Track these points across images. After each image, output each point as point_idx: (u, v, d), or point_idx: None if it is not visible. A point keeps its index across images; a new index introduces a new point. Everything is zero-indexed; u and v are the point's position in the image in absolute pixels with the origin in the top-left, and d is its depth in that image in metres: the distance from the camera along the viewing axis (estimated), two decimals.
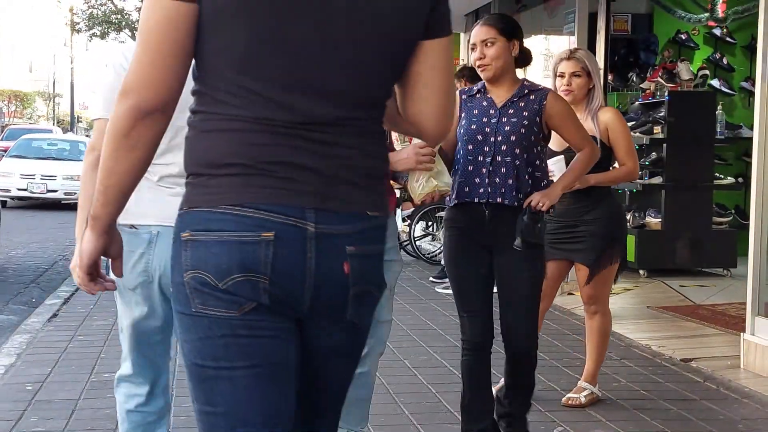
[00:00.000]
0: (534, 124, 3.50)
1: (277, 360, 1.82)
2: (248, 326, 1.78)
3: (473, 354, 3.62)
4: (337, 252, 1.81)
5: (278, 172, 1.76)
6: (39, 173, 17.79)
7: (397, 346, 5.71)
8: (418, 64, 1.90)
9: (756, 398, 4.76)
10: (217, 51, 1.77)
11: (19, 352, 5.47)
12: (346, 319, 1.88)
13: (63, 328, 6.18)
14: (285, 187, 1.77)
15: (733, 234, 8.99)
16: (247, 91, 1.76)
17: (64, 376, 4.92)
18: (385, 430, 4.04)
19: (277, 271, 1.76)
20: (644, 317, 7.04)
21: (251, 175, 1.76)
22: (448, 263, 3.75)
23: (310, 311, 1.83)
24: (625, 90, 10.10)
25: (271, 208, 1.75)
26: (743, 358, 5.37)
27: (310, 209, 1.77)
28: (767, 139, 5.38)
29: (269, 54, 1.76)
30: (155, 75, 1.75)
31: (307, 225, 1.77)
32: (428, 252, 9.97)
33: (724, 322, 6.61)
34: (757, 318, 5.35)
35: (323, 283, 1.81)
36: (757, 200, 5.42)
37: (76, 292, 7.57)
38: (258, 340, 1.79)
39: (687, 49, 10.26)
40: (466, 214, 3.55)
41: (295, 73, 1.77)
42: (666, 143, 8.82)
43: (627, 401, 4.66)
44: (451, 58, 1.97)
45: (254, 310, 1.78)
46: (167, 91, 1.76)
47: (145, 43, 1.76)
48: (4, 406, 4.33)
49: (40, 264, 10.20)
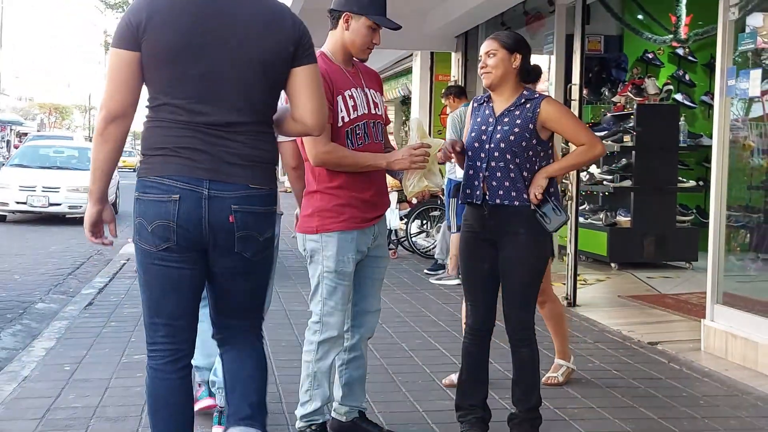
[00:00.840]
0: (526, 130, 3.43)
1: (178, 280, 2.63)
2: (161, 258, 2.60)
3: (473, 338, 3.60)
4: (224, 208, 2.56)
5: (184, 154, 2.55)
6: (40, 184, 14.12)
7: (395, 331, 5.72)
8: (294, 83, 2.68)
9: (715, 377, 4.76)
10: (153, 80, 2.58)
11: (59, 336, 5.47)
12: (235, 251, 2.62)
13: (97, 315, 6.18)
14: (188, 165, 2.55)
15: (694, 231, 9.00)
16: (170, 105, 2.57)
17: (98, 358, 4.91)
18: (384, 406, 4.03)
19: (181, 220, 2.54)
20: (615, 305, 7.04)
21: (169, 155, 2.56)
22: (459, 257, 3.73)
23: (212, 247, 2.61)
24: (599, 103, 10.13)
25: (178, 179, 2.54)
26: (704, 341, 5.37)
27: (205, 180, 2.55)
28: (725, 146, 5.38)
29: (182, 83, 2.56)
30: (116, 96, 2.54)
31: (203, 190, 2.55)
32: (423, 247, 9.97)
33: (687, 309, 6.61)
34: (716, 306, 5.35)
35: (216, 228, 2.57)
36: (716, 201, 5.42)
37: (110, 283, 7.58)
38: (166, 269, 2.61)
39: (653, 66, 10.28)
40: (473, 213, 3.54)
41: (199, 94, 2.56)
42: (635, 150, 8.84)
43: (600, 380, 4.65)
44: (316, 76, 2.71)
45: (167, 249, 2.58)
46: (124, 105, 2.55)
47: (109, 76, 2.57)
48: (46, 385, 4.33)
49: (77, 258, 10.21)
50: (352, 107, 3.32)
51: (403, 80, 15.04)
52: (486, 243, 3.51)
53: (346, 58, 3.39)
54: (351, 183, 3.32)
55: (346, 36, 3.34)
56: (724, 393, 4.47)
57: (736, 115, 5.39)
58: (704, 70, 10.21)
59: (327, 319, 3.34)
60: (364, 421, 3.56)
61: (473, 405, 3.57)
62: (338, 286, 3.33)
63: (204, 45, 2.54)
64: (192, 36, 2.54)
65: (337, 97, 3.27)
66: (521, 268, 3.47)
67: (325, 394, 3.38)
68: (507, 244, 3.45)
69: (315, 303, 3.37)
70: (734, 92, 5.27)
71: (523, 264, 3.46)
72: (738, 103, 5.35)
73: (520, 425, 3.50)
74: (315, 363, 3.35)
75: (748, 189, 5.48)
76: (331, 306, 3.33)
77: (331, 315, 3.34)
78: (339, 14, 3.33)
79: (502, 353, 4.10)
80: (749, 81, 5.14)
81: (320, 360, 3.35)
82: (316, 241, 3.33)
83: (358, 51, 3.37)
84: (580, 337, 5.69)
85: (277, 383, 4.42)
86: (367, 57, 3.44)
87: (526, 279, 3.49)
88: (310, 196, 3.37)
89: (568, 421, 3.88)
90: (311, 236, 3.35)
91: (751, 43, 5.22)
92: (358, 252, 3.37)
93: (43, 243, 11.69)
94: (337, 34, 3.36)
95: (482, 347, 3.60)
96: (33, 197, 14.00)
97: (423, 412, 3.99)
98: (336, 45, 3.37)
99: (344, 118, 3.29)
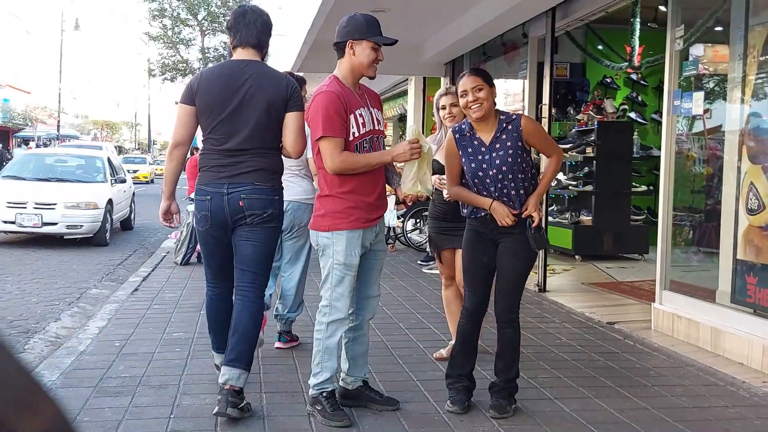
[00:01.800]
0: (518, 148, 3.39)
1: (214, 245, 3.52)
2: (205, 234, 3.49)
3: (468, 319, 3.58)
4: (237, 198, 3.35)
5: (214, 170, 3.40)
6: (32, 200, 9.79)
7: (393, 313, 5.72)
8: (285, 123, 3.41)
9: (663, 352, 4.76)
10: (202, 124, 3.46)
11: (109, 317, 5.48)
12: (248, 225, 3.38)
13: (142, 299, 6.18)
14: (215, 175, 3.39)
15: (645, 228, 8.99)
16: (210, 139, 3.43)
17: (143, 335, 4.92)
18: (384, 376, 4.04)
19: (212, 211, 3.38)
20: (579, 291, 7.04)
21: (205, 171, 3.44)
22: (463, 252, 3.63)
23: (233, 225, 3.40)
24: (565, 120, 10.12)
25: (209, 185, 3.40)
26: (654, 321, 5.38)
27: (225, 183, 3.36)
28: (671, 157, 5.39)
29: (216, 125, 3.39)
30: (179, 131, 3.49)
31: (224, 189, 3.36)
32: (417, 242, 9.97)
33: (639, 294, 6.62)
34: (664, 291, 5.36)
35: (233, 212, 3.36)
36: (664, 203, 5.43)
37: (152, 272, 7.58)
38: (209, 239, 3.49)
39: (611, 89, 10.27)
40: (478, 220, 3.50)
41: (225, 131, 3.38)
42: (595, 160, 8.83)
43: (566, 354, 4.66)
44: (300, 120, 3.41)
45: (208, 229, 3.45)
46: (183, 137, 3.49)
47: (177, 119, 3.50)
48: (99, 358, 4.34)
49: (125, 251, 10.20)
50: (362, 124, 3.31)
51: (400, 101, 15.06)
52: (488, 240, 3.50)
53: (355, 81, 3.39)
54: (358, 188, 3.32)
55: (354, 60, 3.33)
56: (671, 365, 4.47)
57: (681, 130, 5.39)
58: (654, 92, 10.21)
59: (335, 303, 3.35)
60: (367, 389, 3.57)
61: (461, 375, 3.58)
62: (345, 275, 3.34)
63: (229, 100, 3.36)
64: (222, 95, 3.36)
65: (350, 116, 3.27)
66: (515, 258, 3.45)
67: (334, 366, 3.39)
68: (505, 240, 3.45)
69: (325, 290, 3.38)
70: (679, 111, 5.28)
71: (516, 255, 3.45)
72: (682, 121, 5.35)
73: (500, 393, 3.51)
74: (325, 340, 3.36)
75: (691, 193, 5.49)
76: (339, 292, 3.34)
77: (339, 300, 3.34)
78: (344, 44, 3.33)
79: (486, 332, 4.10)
80: (692, 102, 5.15)
81: (329, 338, 3.36)
82: (327, 238, 3.33)
83: (367, 69, 3.34)
84: (549, 318, 5.69)
85: (294, 356, 4.43)
86: (375, 74, 3.40)
87: (518, 268, 3.46)
88: (323, 199, 3.37)
89: (539, 389, 3.89)
90: (323, 233, 3.35)
91: (693, 69, 5.23)
92: (363, 247, 3.37)
93: None
94: (346, 61, 3.36)
95: (474, 327, 3.60)
96: (23, 216, 9.74)
97: (417, 381, 3.99)
98: (346, 70, 3.36)
99: (355, 133, 3.29)
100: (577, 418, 3.45)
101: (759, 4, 4.57)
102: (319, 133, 3.24)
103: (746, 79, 4.60)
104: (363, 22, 3.33)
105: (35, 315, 6.01)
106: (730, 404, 3.72)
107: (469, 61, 9.77)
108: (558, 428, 3.32)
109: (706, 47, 5.32)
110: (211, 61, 36.45)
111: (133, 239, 11.65)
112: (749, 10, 4.62)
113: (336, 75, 3.37)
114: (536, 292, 6.77)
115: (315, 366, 3.41)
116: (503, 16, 7.45)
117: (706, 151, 5.28)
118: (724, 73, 4.98)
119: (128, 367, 4.16)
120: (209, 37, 36.70)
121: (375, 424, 3.31)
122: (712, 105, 5.18)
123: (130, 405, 3.50)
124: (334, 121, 3.23)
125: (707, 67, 5.29)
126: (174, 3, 36.03)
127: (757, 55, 4.50)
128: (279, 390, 3.78)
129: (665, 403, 3.69)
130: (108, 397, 3.63)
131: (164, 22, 36.31)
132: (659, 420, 3.44)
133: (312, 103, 3.32)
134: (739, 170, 4.63)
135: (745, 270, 4.54)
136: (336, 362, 3.42)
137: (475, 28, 8.14)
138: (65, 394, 3.61)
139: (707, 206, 5.24)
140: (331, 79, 3.37)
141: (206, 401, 3.55)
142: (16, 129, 36.13)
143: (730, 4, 4.89)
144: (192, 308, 5.79)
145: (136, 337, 4.86)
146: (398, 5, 7.64)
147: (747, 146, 4.57)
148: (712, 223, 5.08)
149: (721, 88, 5.13)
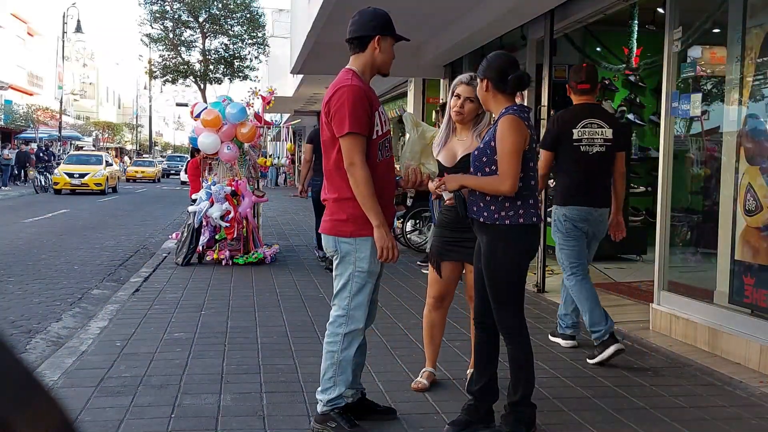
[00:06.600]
0: (488, 146, 3.11)
1: None
2: None
3: (478, 331, 3.31)
4: None
5: None
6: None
7: (393, 313, 5.72)
8: None
9: (661, 352, 4.76)
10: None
11: (111, 317, 5.48)
12: None
13: (143, 300, 6.18)
14: None
15: (644, 229, 9.00)
16: None
17: (144, 335, 4.92)
18: (383, 376, 4.04)
19: None
20: None
21: None
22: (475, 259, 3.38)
23: None
24: None
25: None
26: (651, 322, 5.38)
27: None
28: (669, 158, 5.39)
29: None
30: None
31: None
32: (416, 243, 9.97)
33: (637, 295, 6.62)
34: (662, 292, 5.36)
35: None
36: (662, 204, 5.43)
37: (153, 273, 7.59)
38: None
39: (610, 91, 10.26)
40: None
41: None
42: None
43: (565, 354, 4.66)
44: None
45: None
46: None
47: None
48: (100, 357, 4.34)
49: (127, 251, 10.21)
50: (384, 122, 3.14)
51: (400, 102, 15.06)
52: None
53: (370, 78, 3.18)
54: (381, 191, 3.08)
55: (377, 56, 3.12)
56: (669, 365, 4.47)
57: (679, 132, 5.39)
58: (652, 94, 10.20)
59: (353, 312, 3.12)
60: (365, 400, 3.41)
61: (472, 392, 3.32)
62: (366, 283, 3.11)
63: None
64: None
65: (374, 113, 3.07)
66: (479, 262, 3.19)
67: (348, 379, 3.17)
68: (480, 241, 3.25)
69: (342, 298, 3.13)
70: (677, 113, 5.28)
71: (480, 259, 3.18)
72: (680, 122, 5.36)
73: (505, 417, 3.19)
74: (341, 353, 3.13)
75: (688, 194, 5.49)
76: (358, 301, 3.12)
77: (358, 309, 3.12)
78: (369, 38, 3.10)
79: None
80: (690, 103, 5.15)
81: (345, 349, 3.13)
82: (350, 244, 3.07)
83: (388, 66, 3.19)
84: (548, 318, 5.69)
85: (294, 356, 4.43)
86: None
87: (487, 275, 3.13)
88: (344, 203, 3.07)
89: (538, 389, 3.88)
90: (345, 239, 3.08)
91: (691, 71, 5.23)
92: None
93: (98, 239, 11.69)
94: (367, 56, 3.12)
95: (482, 337, 3.28)
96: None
97: None
98: (365, 65, 3.13)
99: (378, 132, 3.08)
100: (575, 417, 3.45)
101: (756, 7, 4.57)
102: (346, 129, 2.97)
103: (744, 80, 4.61)
104: (388, 17, 3.16)
105: (37, 315, 6.01)
106: (728, 404, 3.72)
107: (469, 63, 9.77)
108: (556, 428, 3.32)
109: (704, 49, 5.32)
110: (212, 63, 36.40)
111: (134, 239, 11.65)
112: (747, 13, 4.62)
113: (354, 70, 3.12)
114: (535, 292, 6.77)
115: (326, 381, 3.16)
116: (502, 19, 7.46)
117: (703, 153, 5.28)
118: (722, 75, 4.98)
119: (129, 367, 4.15)
120: (210, 39, 36.67)
121: (375, 425, 3.31)
122: (709, 106, 5.18)
123: (131, 405, 3.50)
124: (360, 117, 2.99)
125: (705, 69, 5.29)
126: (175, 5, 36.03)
127: (755, 57, 4.50)
128: (279, 390, 3.78)
129: (663, 403, 3.69)
130: (109, 396, 3.63)
131: (165, 24, 36.31)
132: (657, 420, 3.44)
133: (335, 96, 3.03)
134: (737, 171, 4.63)
135: (743, 271, 4.54)
136: (350, 375, 3.18)
137: (475, 30, 8.15)
138: (67, 394, 3.61)
139: (705, 207, 5.24)
140: (351, 73, 3.10)
141: (207, 401, 3.55)
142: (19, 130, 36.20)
143: (727, 6, 4.90)
144: (193, 308, 5.79)
145: (137, 337, 4.86)
146: (398, 7, 7.65)
147: (744, 147, 4.58)
148: (709, 224, 5.08)
149: (718, 89, 5.13)
